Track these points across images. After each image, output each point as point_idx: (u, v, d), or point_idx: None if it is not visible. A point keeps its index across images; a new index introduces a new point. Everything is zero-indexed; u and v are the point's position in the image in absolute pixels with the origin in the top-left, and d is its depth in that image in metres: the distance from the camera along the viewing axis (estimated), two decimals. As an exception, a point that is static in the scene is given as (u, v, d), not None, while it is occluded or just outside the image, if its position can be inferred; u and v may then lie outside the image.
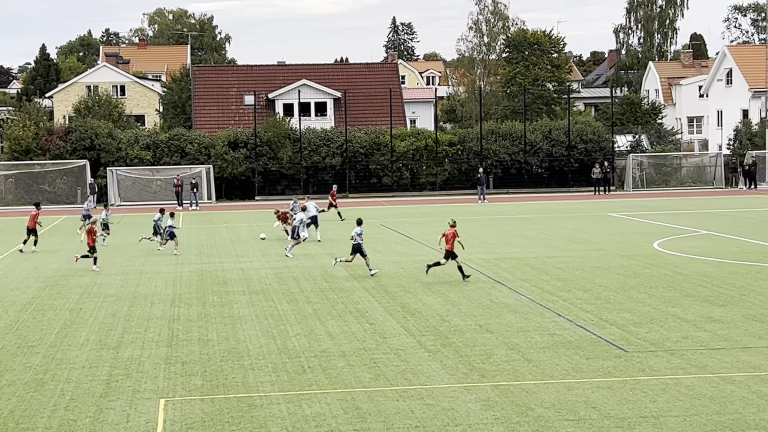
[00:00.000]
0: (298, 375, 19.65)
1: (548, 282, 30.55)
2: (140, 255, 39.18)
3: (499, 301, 27.57)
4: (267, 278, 32.70)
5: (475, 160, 75.98)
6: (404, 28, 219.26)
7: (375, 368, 20.05)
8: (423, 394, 18.03)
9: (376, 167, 75.58)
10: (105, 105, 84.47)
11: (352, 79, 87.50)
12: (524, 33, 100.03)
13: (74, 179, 71.35)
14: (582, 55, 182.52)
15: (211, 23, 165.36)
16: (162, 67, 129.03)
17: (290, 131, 75.59)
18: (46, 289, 31.51)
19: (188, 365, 20.65)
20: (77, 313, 27.09)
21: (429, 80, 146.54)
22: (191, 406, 17.58)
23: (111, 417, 17.05)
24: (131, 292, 30.43)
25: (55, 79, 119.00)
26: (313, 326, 24.50)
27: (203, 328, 24.55)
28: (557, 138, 77.79)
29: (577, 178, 77.42)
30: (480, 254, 37.44)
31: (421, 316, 25.48)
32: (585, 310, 25.92)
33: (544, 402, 17.42)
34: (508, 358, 20.69)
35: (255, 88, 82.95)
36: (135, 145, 73.53)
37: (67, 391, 18.76)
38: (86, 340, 23.41)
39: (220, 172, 73.22)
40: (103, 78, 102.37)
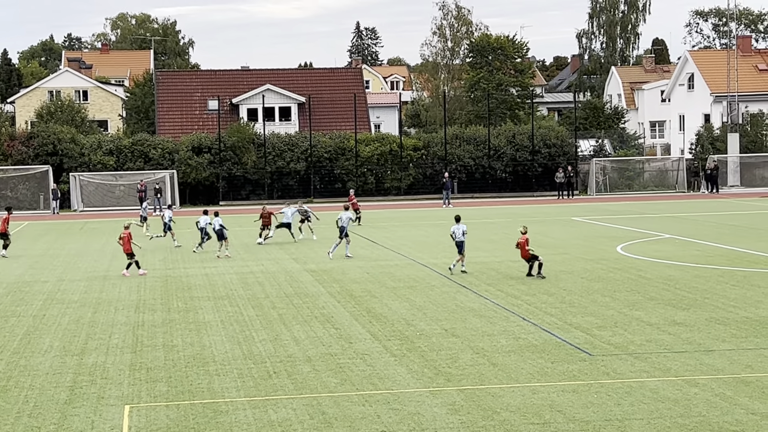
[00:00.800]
0: (263, 380, 19.61)
1: (513, 286, 30.66)
2: (104, 260, 38.93)
3: (465, 305, 27.63)
4: (232, 283, 32.61)
5: (440, 165, 76.13)
6: (368, 33, 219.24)
7: (341, 373, 20.05)
8: (389, 399, 18.05)
9: (340, 172, 75.58)
10: (67, 110, 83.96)
11: (316, 83, 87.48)
12: (488, 38, 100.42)
13: (37, 185, 70.86)
14: (545, 60, 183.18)
15: (174, 28, 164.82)
16: (125, 72, 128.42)
17: (254, 136, 75.47)
18: (8, 295, 31.28)
19: (153, 371, 20.56)
20: (41, 319, 26.91)
21: (393, 85, 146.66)
22: (156, 413, 17.51)
23: (75, 424, 16.96)
24: (95, 298, 30.26)
25: (16, 84, 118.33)
26: (279, 331, 24.46)
27: (168, 334, 24.46)
28: (521, 143, 78.09)
29: (541, 182, 77.74)
30: (445, 259, 37.46)
31: (386, 321, 25.50)
32: (549, 313, 26.04)
33: (509, 406, 17.48)
34: (474, 362, 20.74)
35: (219, 93, 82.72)
36: (98, 150, 73.13)
37: (30, 398, 18.63)
38: (50, 347, 23.26)
39: (184, 178, 72.96)
40: (66, 83, 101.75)
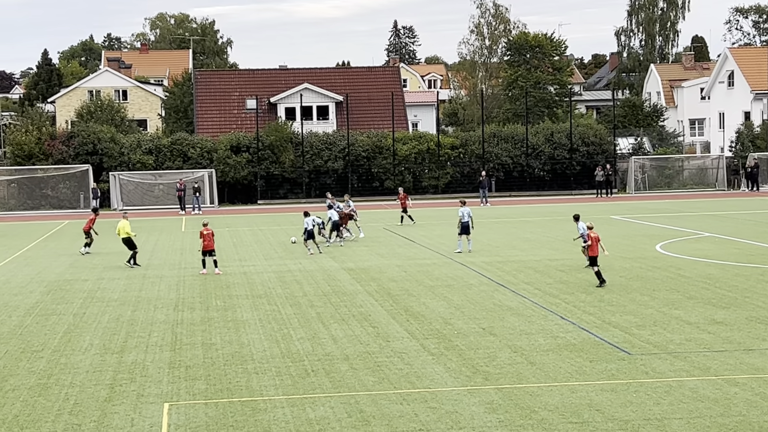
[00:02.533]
0: (301, 379, 19.67)
1: (551, 285, 30.56)
2: (143, 259, 39.16)
3: (503, 304, 27.58)
4: (270, 282, 32.71)
5: (477, 163, 75.98)
6: (406, 32, 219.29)
7: (378, 372, 20.07)
8: (427, 397, 18.05)
9: (378, 171, 75.60)
10: (107, 110, 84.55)
11: (354, 82, 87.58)
12: (526, 36, 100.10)
13: (77, 184, 71.38)
14: (583, 58, 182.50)
15: (212, 27, 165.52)
16: (164, 72, 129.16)
17: (292, 135, 75.62)
18: (49, 293, 31.54)
19: (192, 369, 20.67)
20: (81, 317, 27.12)
21: (431, 84, 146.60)
22: (195, 410, 17.60)
23: (115, 421, 17.08)
24: (135, 297, 30.45)
25: (57, 84, 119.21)
26: (317, 330, 24.52)
27: (207, 332, 24.58)
28: (559, 141, 77.79)
29: (579, 180, 77.43)
30: (483, 257, 37.45)
31: (424, 320, 25.50)
32: (588, 312, 25.93)
33: (547, 405, 17.43)
34: (512, 361, 20.70)
35: (257, 92, 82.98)
36: (137, 149, 73.56)
37: (71, 396, 18.79)
38: (90, 345, 23.44)
39: (223, 177, 73.23)
40: (106, 83, 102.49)
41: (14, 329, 25.62)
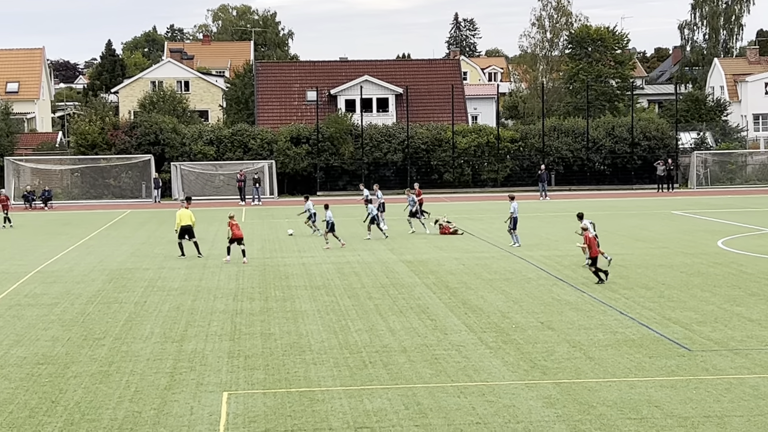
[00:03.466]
0: (359, 370, 19.73)
1: (611, 280, 30.35)
2: (203, 249, 39.48)
3: (561, 298, 27.46)
4: (328, 273, 32.83)
5: (537, 157, 75.62)
6: (467, 24, 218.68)
7: (436, 364, 20.09)
8: (484, 391, 18.04)
9: (437, 163, 75.53)
10: (169, 100, 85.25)
11: (414, 75, 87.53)
12: (587, 29, 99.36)
13: (139, 174, 72.10)
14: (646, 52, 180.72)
15: (274, 19, 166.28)
16: (225, 63, 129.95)
17: (352, 127, 75.78)
18: (111, 282, 31.91)
19: (251, 359, 20.83)
20: (142, 306, 27.41)
21: (491, 76, 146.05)
22: (254, 400, 17.74)
23: (175, 409, 17.26)
24: (195, 286, 30.71)
25: (120, 74, 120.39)
26: (375, 322, 24.58)
27: (266, 323, 24.74)
28: (620, 135, 77.18)
29: (640, 175, 76.77)
30: (541, 251, 37.31)
31: (482, 313, 25.46)
32: (648, 308, 25.75)
33: (606, 400, 17.35)
34: (570, 356, 20.62)
35: (317, 83, 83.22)
36: (199, 140, 74.11)
37: (132, 383, 19.01)
38: (151, 333, 23.70)
39: (283, 168, 73.57)
40: (168, 74, 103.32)
41: (77, 317, 25.96)
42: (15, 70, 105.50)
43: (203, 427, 16.27)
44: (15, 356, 21.44)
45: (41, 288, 30.74)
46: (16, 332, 24.04)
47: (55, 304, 27.92)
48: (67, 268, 35.12)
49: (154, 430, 16.18)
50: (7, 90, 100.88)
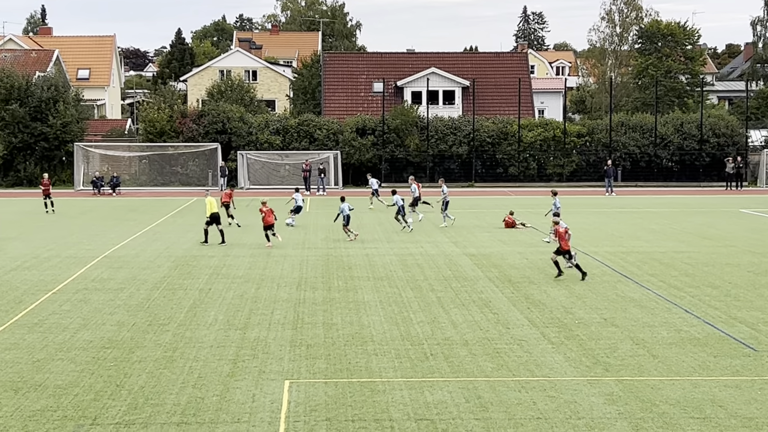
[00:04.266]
0: (420, 362, 19.75)
1: (676, 277, 30.07)
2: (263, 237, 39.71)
3: (625, 295, 27.25)
4: (391, 265, 32.87)
5: (604, 152, 75.05)
6: (535, 18, 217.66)
7: (497, 358, 20.04)
8: (545, 386, 17.97)
9: (502, 157, 75.22)
10: (237, 89, 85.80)
11: (481, 67, 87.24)
12: (658, 24, 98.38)
13: (206, 162, 72.67)
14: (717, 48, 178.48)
15: (342, 10, 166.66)
16: (293, 53, 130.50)
17: (418, 119, 75.69)
18: (176, 268, 32.22)
19: (313, 348, 20.93)
20: (206, 293, 27.65)
21: (558, 70, 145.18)
22: (315, 389, 17.83)
23: (237, 396, 17.40)
24: (259, 275, 30.91)
25: (189, 63, 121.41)
26: (437, 314, 24.58)
27: (328, 312, 24.84)
28: (689, 131, 76.30)
29: (709, 172, 75.87)
30: (606, 247, 37.04)
31: (545, 308, 25.35)
32: (713, 307, 25.47)
33: (669, 399, 17.20)
34: (633, 353, 20.47)
35: (384, 75, 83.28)
36: (265, 129, 74.50)
37: (195, 370, 19.20)
38: (215, 320, 23.90)
39: (348, 159, 73.72)
40: (236, 63, 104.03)
41: (142, 302, 26.26)
42: (86, 57, 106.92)
43: (265, 414, 16.39)
44: (81, 340, 21.75)
45: (108, 273, 31.13)
46: (83, 316, 24.38)
47: (121, 289, 28.27)
48: (134, 254, 35.51)
49: (216, 416, 16.33)
50: (78, 76, 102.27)
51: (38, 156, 73.11)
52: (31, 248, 37.12)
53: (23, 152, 73.00)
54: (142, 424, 15.96)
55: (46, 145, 72.72)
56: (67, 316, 24.43)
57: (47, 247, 37.59)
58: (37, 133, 72.30)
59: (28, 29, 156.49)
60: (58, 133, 72.59)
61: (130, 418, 16.22)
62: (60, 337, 21.98)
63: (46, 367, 19.36)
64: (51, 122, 72.21)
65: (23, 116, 71.89)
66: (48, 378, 18.59)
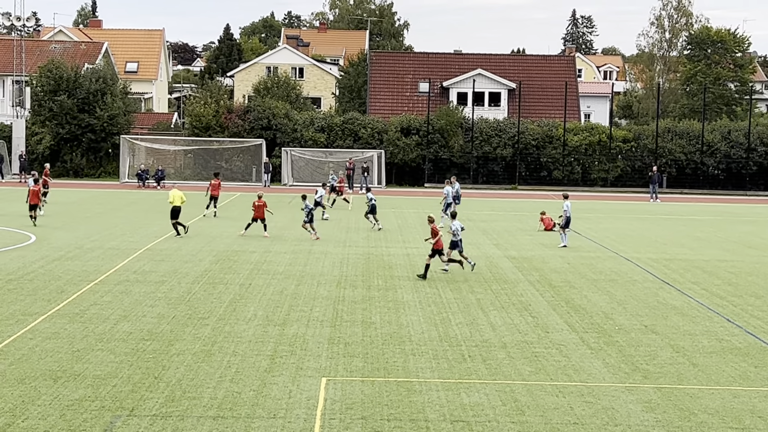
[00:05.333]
0: (458, 363, 19.70)
1: (719, 286, 29.81)
2: (309, 235, 39.80)
3: (667, 302, 27.05)
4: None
5: (649, 158, 74.57)
6: (584, 21, 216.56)
7: (536, 362, 19.95)
8: (583, 392, 17.86)
9: (547, 160, 74.95)
10: (283, 86, 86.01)
11: (527, 70, 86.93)
12: (708, 30, 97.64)
13: (250, 157, 72.96)
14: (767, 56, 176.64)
15: (390, 9, 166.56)
16: (340, 51, 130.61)
17: (463, 120, 75.59)
18: (218, 263, 32.35)
19: (351, 346, 20.93)
20: (246, 288, 27.73)
21: (606, 75, 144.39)
22: (352, 387, 17.82)
23: (274, 392, 17.43)
24: (299, 271, 30.97)
25: (236, 58, 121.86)
26: (476, 316, 24.51)
27: (367, 311, 24.84)
28: (736, 139, 75.63)
29: (756, 181, 75.18)
30: (649, 254, 36.79)
31: (585, 313, 25.21)
32: (756, 317, 25.22)
33: (708, 408, 17.04)
34: (673, 361, 20.30)
35: (430, 75, 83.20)
36: (310, 126, 74.68)
37: (233, 364, 19.25)
38: (254, 315, 23.97)
39: (392, 158, 73.74)
40: (283, 60, 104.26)
41: (183, 295, 26.39)
42: (135, 51, 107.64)
43: (301, 411, 16.41)
44: (121, 331, 21.88)
45: (150, 265, 31.31)
46: (124, 308, 24.54)
47: (162, 281, 28.42)
48: (176, 248, 35.69)
49: (252, 411, 16.36)
50: (126, 69, 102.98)
51: (85, 147, 73.76)
52: (74, 239, 37.43)
53: (70, 143, 73.66)
54: (178, 416, 16.03)
55: (93, 136, 73.34)
56: (108, 307, 24.59)
57: (91, 238, 37.89)
58: (84, 124, 72.93)
59: (79, 21, 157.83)
60: (105, 125, 73.20)
61: (167, 411, 16.30)
62: (100, 328, 22.13)
63: (85, 357, 19.50)
64: (98, 114, 72.81)
65: (71, 108, 72.52)
66: (87, 368, 18.72)
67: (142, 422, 15.70)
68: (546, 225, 43.71)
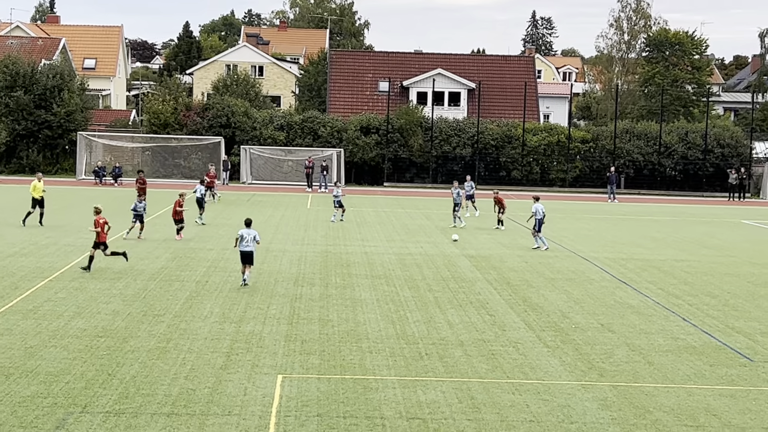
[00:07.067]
0: (415, 361, 19.66)
1: (675, 285, 29.98)
2: (268, 232, 39.63)
3: (623, 301, 27.16)
4: (390, 263, 32.78)
5: (608, 159, 74.95)
6: (544, 23, 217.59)
7: (492, 360, 19.95)
8: (539, 389, 17.87)
9: (506, 160, 75.11)
10: (243, 84, 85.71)
11: (487, 70, 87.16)
12: (666, 33, 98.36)
13: (209, 155, 72.53)
14: (724, 59, 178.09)
15: (351, 9, 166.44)
16: (300, 50, 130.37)
17: (422, 119, 75.63)
18: (174, 260, 32.14)
19: (307, 344, 20.84)
20: (203, 285, 27.56)
21: (565, 76, 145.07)
22: (308, 384, 17.74)
23: (229, 389, 17.31)
24: (256, 269, 30.73)
25: (196, 56, 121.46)
26: (433, 314, 24.48)
27: (324, 309, 24.75)
28: (693, 141, 76.18)
29: (712, 182, 75.77)
30: (607, 253, 36.95)
31: (542, 311, 25.26)
32: (711, 316, 25.37)
33: (663, 406, 17.10)
34: (629, 359, 20.37)
35: (390, 74, 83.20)
36: (269, 125, 74.43)
37: (188, 361, 19.10)
38: (210, 313, 23.81)
39: (351, 157, 73.65)
40: (243, 58, 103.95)
41: (138, 292, 26.18)
42: (93, 47, 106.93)
43: (256, 408, 16.29)
44: (75, 328, 21.66)
45: (105, 262, 31.01)
46: (78, 304, 24.30)
47: (117, 278, 28.18)
48: (132, 244, 35.41)
49: (207, 408, 16.23)
50: (84, 66, 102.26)
51: (41, 144, 73.04)
52: (30, 235, 37.07)
53: (26, 140, 72.91)
54: (132, 413, 15.86)
55: (50, 133, 72.65)
56: (62, 303, 24.34)
57: (46, 234, 37.54)
58: (40, 120, 72.25)
59: (36, 17, 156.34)
60: (62, 121, 72.54)
61: (121, 408, 16.13)
62: (54, 325, 21.89)
63: (38, 354, 19.28)
64: (55, 110, 72.16)
65: (27, 103, 71.82)
66: (40, 365, 18.51)
67: (95, 419, 15.53)
68: (499, 202, 43.95)
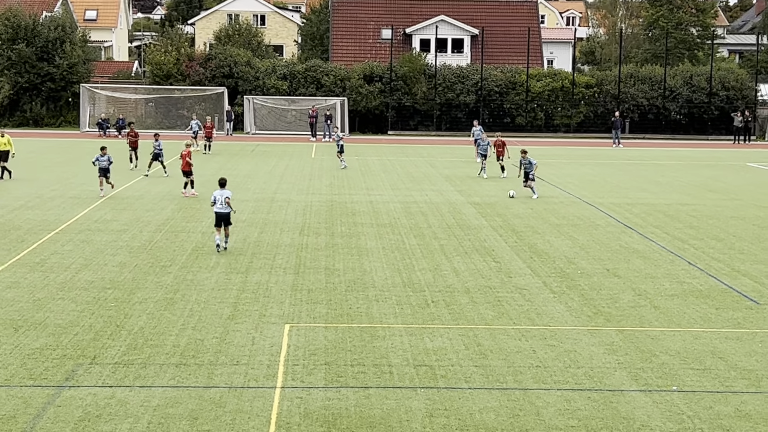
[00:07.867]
0: (421, 309, 19.72)
1: (680, 230, 29.98)
2: (273, 182, 39.64)
3: (629, 246, 27.17)
4: (395, 212, 32.79)
5: (612, 104, 74.68)
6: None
7: (498, 306, 20.01)
8: (546, 335, 17.93)
9: (510, 106, 74.87)
10: (245, 34, 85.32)
11: (490, 16, 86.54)
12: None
13: (212, 106, 72.36)
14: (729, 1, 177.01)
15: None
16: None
17: (426, 67, 75.29)
18: (180, 211, 32.16)
19: (314, 293, 20.90)
20: (209, 236, 27.54)
21: (569, 21, 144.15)
22: (315, 333, 17.81)
23: (237, 339, 17.38)
24: (262, 219, 30.85)
25: (198, 6, 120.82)
26: (439, 262, 24.52)
27: (330, 258, 24.79)
28: (698, 84, 75.84)
29: (717, 126, 75.53)
30: (612, 198, 36.93)
31: (547, 257, 25.29)
32: (717, 259, 25.39)
33: (669, 349, 17.16)
34: (635, 304, 20.42)
35: (393, 22, 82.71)
36: (272, 74, 74.17)
37: (195, 312, 19.18)
38: (216, 264, 23.86)
39: (355, 106, 73.44)
40: (245, 7, 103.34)
41: (145, 244, 26.23)
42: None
43: (264, 357, 16.37)
44: (82, 280, 21.73)
45: (111, 214, 31.08)
46: (85, 257, 24.36)
47: (124, 230, 28.23)
48: (138, 196, 35.45)
49: (215, 358, 16.31)
50: (85, 17, 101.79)
51: (44, 96, 72.92)
52: (35, 188, 37.11)
53: (29, 92, 72.79)
54: (141, 364, 15.95)
55: (53, 85, 72.51)
56: (69, 256, 24.41)
57: (51, 187, 37.57)
58: (43, 73, 72.08)
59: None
60: (65, 73, 72.37)
61: (129, 358, 16.22)
62: (61, 277, 21.97)
63: (46, 306, 19.36)
64: (57, 63, 71.97)
65: (29, 56, 71.61)
66: (48, 317, 18.59)
67: (104, 370, 15.62)
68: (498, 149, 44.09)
